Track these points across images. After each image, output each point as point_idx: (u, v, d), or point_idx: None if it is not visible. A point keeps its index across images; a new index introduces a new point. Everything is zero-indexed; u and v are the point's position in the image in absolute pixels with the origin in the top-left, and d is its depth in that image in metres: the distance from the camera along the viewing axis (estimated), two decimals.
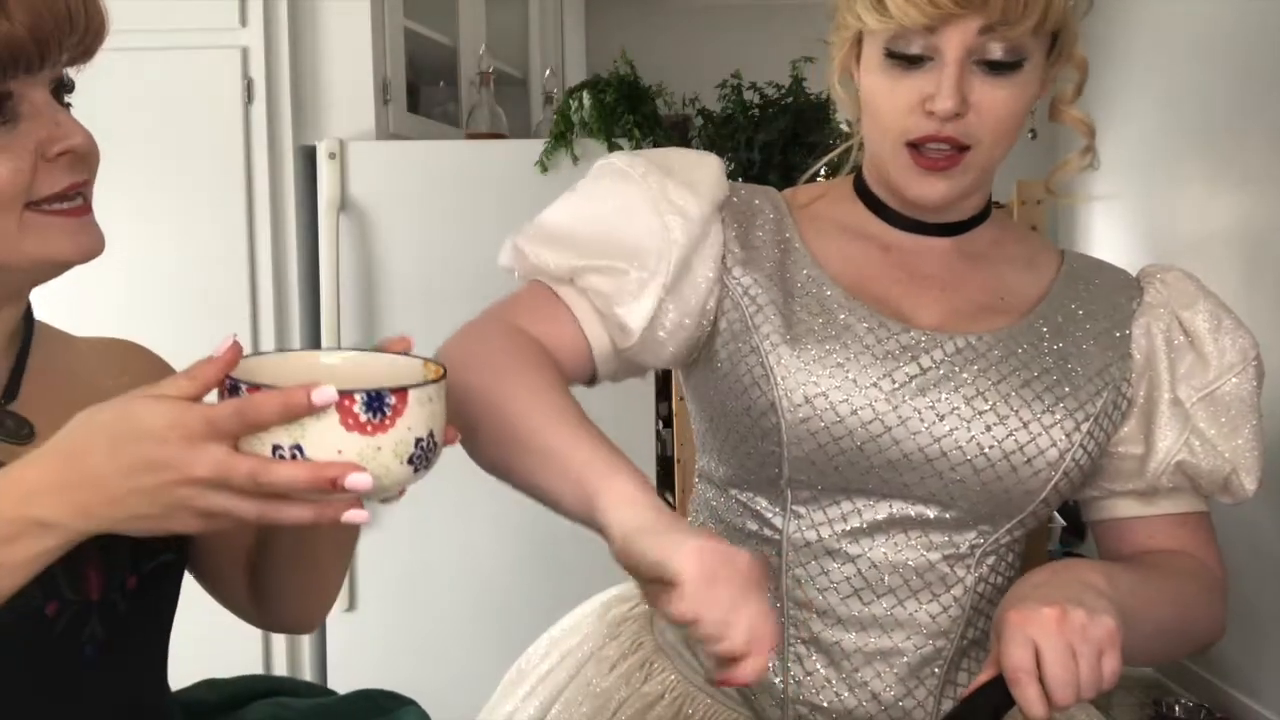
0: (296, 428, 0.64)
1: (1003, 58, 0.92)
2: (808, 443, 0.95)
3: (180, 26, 2.58)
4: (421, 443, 0.68)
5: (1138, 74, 3.80)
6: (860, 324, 0.97)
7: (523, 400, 0.88)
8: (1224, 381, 1.01)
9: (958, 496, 0.97)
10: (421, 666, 2.66)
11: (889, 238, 1.04)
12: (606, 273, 0.97)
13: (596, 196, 1.02)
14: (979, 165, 0.97)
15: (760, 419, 0.97)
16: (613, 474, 0.80)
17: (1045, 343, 1.00)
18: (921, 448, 0.95)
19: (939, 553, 0.98)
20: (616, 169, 1.03)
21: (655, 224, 0.98)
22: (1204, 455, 1.00)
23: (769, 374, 0.96)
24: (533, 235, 1.01)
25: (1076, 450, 0.97)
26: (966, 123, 0.94)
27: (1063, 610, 0.81)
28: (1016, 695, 0.80)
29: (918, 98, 0.94)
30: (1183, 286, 1.05)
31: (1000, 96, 0.93)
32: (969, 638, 1.01)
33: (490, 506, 2.66)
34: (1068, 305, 1.03)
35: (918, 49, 0.93)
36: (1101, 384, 0.99)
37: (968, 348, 0.98)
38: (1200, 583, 1.02)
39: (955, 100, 0.92)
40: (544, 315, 0.98)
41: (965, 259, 1.04)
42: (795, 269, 1.01)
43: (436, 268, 2.65)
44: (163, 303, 2.63)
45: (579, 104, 2.65)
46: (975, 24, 0.90)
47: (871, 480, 0.97)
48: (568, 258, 0.98)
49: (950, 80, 0.92)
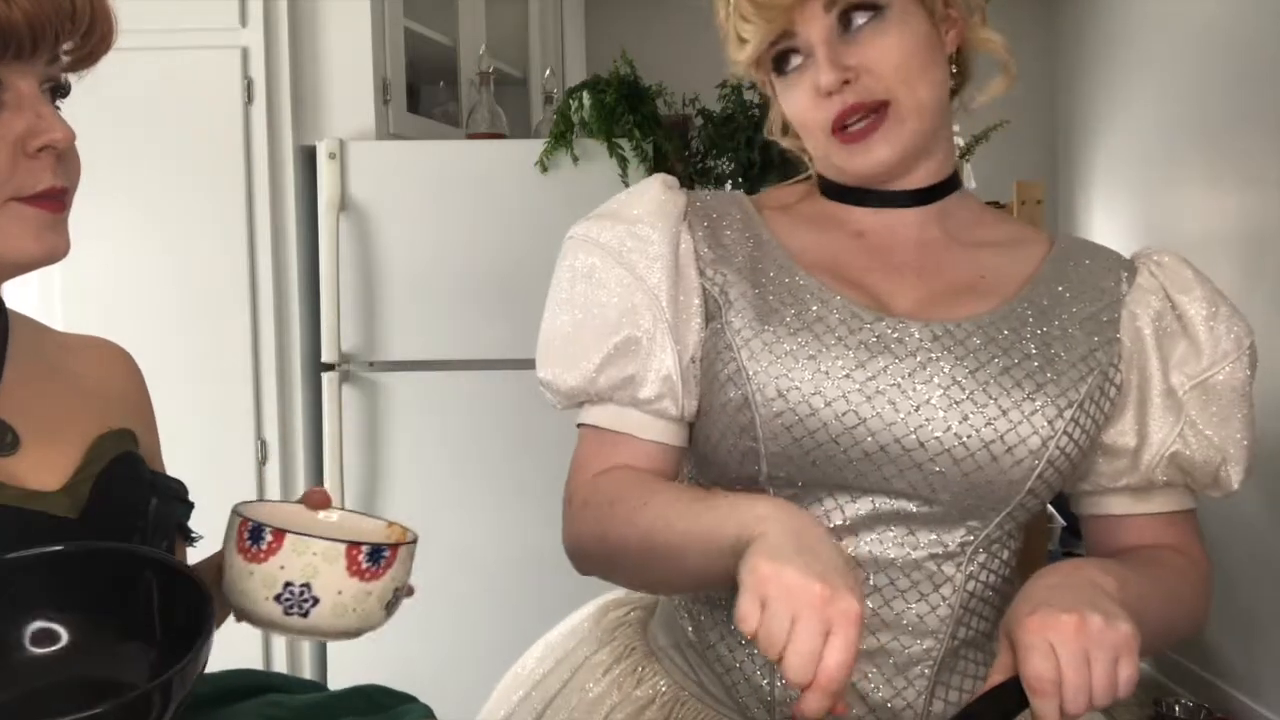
0: (310, 568, 0.75)
1: (861, 18, 0.95)
2: (783, 437, 0.95)
3: (180, 26, 2.59)
4: (398, 592, 0.81)
5: (1138, 73, 3.80)
6: (833, 314, 0.97)
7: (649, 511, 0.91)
8: (1217, 370, 0.99)
9: (939, 489, 0.95)
10: (421, 667, 2.66)
11: (861, 223, 1.03)
12: (620, 354, 0.99)
13: (571, 287, 1.03)
14: (906, 114, 0.96)
15: (736, 415, 0.96)
16: (755, 506, 0.82)
17: (1029, 327, 0.98)
18: (898, 439, 0.94)
19: (925, 550, 0.97)
20: (576, 244, 1.04)
21: (628, 280, 1.00)
22: (1197, 446, 0.99)
23: (742, 369, 0.96)
24: (542, 359, 1.04)
25: (1060, 438, 0.95)
26: (863, 84, 0.95)
27: (1081, 617, 0.79)
28: (1037, 705, 0.78)
29: (812, 89, 0.97)
30: (1178, 271, 1.03)
31: (883, 44, 0.95)
32: (959, 637, 1.00)
33: (491, 507, 2.66)
34: (1054, 287, 1.02)
35: (796, 58, 0.98)
36: (1086, 369, 0.97)
37: (945, 334, 0.96)
38: (1190, 580, 1.01)
39: (832, 75, 0.94)
40: (609, 453, 1.01)
41: (943, 239, 1.03)
42: (767, 261, 1.01)
43: (436, 268, 2.65)
44: (162, 302, 2.63)
45: (579, 104, 2.65)
46: (816, 5, 0.94)
47: (850, 474, 0.95)
48: (582, 368, 1.00)
49: (821, 55, 0.95)
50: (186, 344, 2.63)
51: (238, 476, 2.65)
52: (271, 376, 2.67)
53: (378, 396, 2.68)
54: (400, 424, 2.68)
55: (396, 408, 2.68)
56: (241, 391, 2.66)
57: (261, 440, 2.68)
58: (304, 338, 2.72)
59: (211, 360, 2.64)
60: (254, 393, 2.67)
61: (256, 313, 2.66)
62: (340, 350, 2.64)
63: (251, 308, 2.65)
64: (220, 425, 2.65)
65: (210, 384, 2.64)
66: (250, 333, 2.65)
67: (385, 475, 2.68)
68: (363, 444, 2.68)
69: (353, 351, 2.66)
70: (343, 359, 2.65)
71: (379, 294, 2.65)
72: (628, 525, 0.92)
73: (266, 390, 2.68)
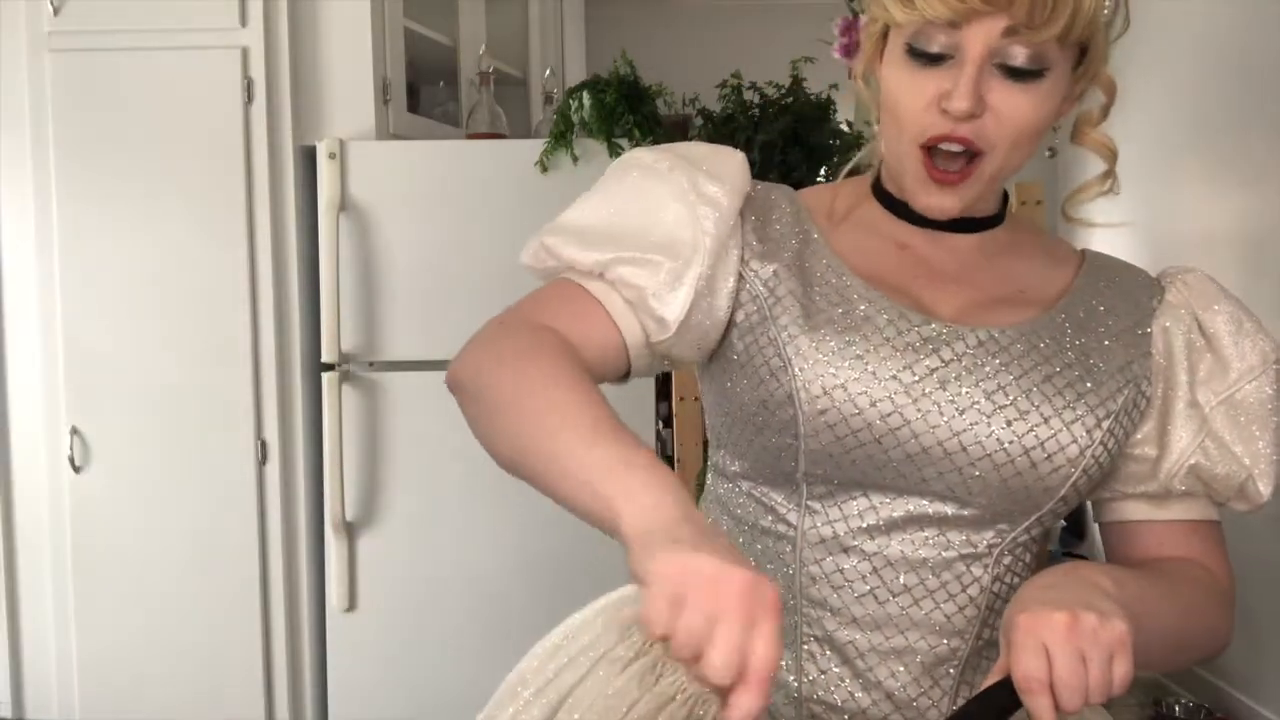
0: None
1: (1024, 64, 0.91)
2: (825, 435, 0.94)
3: (180, 26, 2.59)
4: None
5: (1138, 73, 3.80)
6: (880, 315, 0.96)
7: (540, 397, 0.85)
8: (1243, 385, 1.00)
9: (976, 492, 0.96)
10: (421, 667, 2.67)
11: (905, 237, 1.03)
12: (640, 264, 0.95)
13: (623, 192, 1.01)
14: (990, 174, 0.96)
15: (778, 410, 0.96)
16: (629, 479, 0.76)
17: (1068, 337, 0.99)
18: (940, 441, 0.94)
19: (956, 551, 0.98)
20: (642, 163, 1.01)
21: (686, 215, 0.97)
22: (1219, 459, 0.99)
23: (787, 365, 0.95)
24: (560, 233, 0.99)
25: (1096, 448, 0.96)
26: (982, 125, 0.92)
27: (1074, 615, 0.79)
28: (1028, 704, 0.79)
29: (935, 94, 0.92)
30: (1204, 288, 1.04)
31: (1019, 102, 0.92)
32: (984, 638, 1.01)
33: (491, 507, 2.66)
34: (1089, 301, 1.02)
35: (939, 47, 0.92)
36: (1123, 381, 0.98)
37: (990, 340, 0.97)
38: (1208, 592, 1.01)
39: (971, 100, 0.90)
40: (573, 311, 0.96)
41: (984, 258, 1.03)
42: (814, 259, 1.00)
43: (436, 268, 2.65)
44: (162, 302, 2.63)
45: (579, 104, 2.65)
46: (999, 24, 0.89)
47: (889, 475, 0.96)
48: (598, 253, 0.96)
49: (968, 79, 0.90)
50: (186, 344, 2.63)
51: (238, 476, 2.65)
52: (271, 377, 2.67)
53: (378, 396, 2.67)
54: (400, 424, 2.68)
55: (396, 408, 2.68)
56: (241, 392, 2.66)
57: (261, 440, 2.68)
58: (304, 338, 2.72)
59: (211, 360, 2.64)
60: (254, 393, 2.67)
61: (256, 312, 2.66)
62: (340, 350, 2.64)
63: (251, 307, 2.65)
64: (220, 425, 2.65)
65: (210, 384, 2.64)
66: (250, 332, 2.65)
67: (385, 475, 2.68)
68: (363, 444, 2.68)
69: (353, 351, 2.66)
70: (343, 359, 2.65)
71: (379, 294, 2.65)
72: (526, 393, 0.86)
73: (266, 390, 2.68)
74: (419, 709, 2.60)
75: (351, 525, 2.67)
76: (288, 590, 2.70)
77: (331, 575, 2.69)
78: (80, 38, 2.59)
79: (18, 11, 2.61)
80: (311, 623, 2.74)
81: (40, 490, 2.69)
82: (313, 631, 2.74)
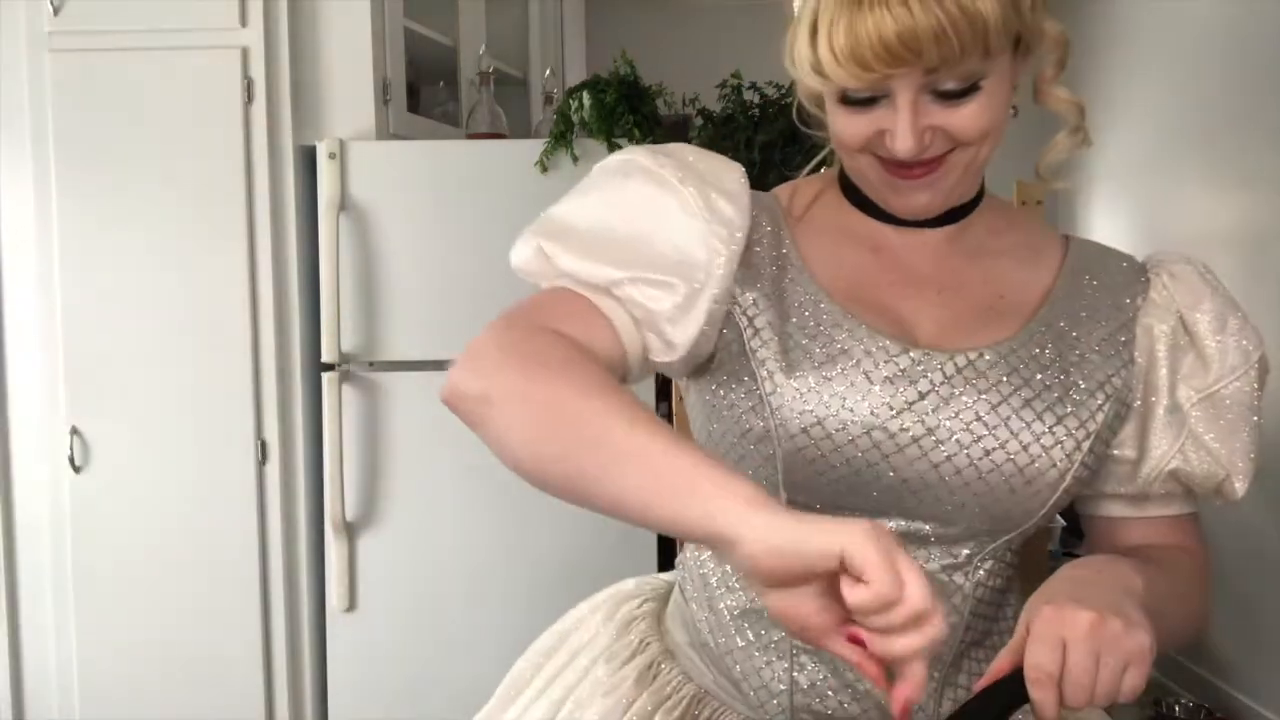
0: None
1: (957, 86, 0.89)
2: (805, 469, 0.94)
3: (180, 26, 2.59)
4: None
5: (1138, 73, 3.80)
6: (858, 346, 0.95)
7: (594, 399, 0.80)
8: (1224, 384, 0.99)
9: (958, 518, 0.96)
10: (421, 667, 2.67)
11: (879, 238, 1.01)
12: (654, 285, 0.92)
13: (627, 198, 0.97)
14: (963, 164, 0.94)
15: (757, 445, 0.96)
16: (726, 478, 0.73)
17: (1047, 354, 0.97)
18: (920, 474, 0.94)
19: (937, 563, 0.98)
20: (645, 169, 0.97)
21: (700, 233, 0.94)
22: (1198, 461, 0.99)
23: (764, 402, 0.94)
24: (558, 237, 0.95)
25: (1078, 468, 0.96)
26: (935, 145, 0.91)
27: (1100, 617, 0.79)
28: (1033, 695, 0.79)
29: (877, 130, 0.91)
30: (1190, 283, 1.01)
31: (965, 114, 0.90)
32: (967, 640, 1.01)
33: (491, 507, 2.66)
34: (1071, 305, 1.01)
35: (870, 91, 0.90)
36: (1104, 398, 0.97)
37: (968, 366, 0.96)
38: (1191, 580, 1.01)
39: (913, 139, 0.89)
40: (578, 322, 0.92)
41: (961, 254, 1.01)
42: (792, 286, 0.98)
43: (436, 268, 2.65)
44: (162, 302, 2.63)
45: (579, 104, 2.65)
46: (917, 71, 0.87)
47: (868, 501, 0.96)
48: (608, 269, 0.92)
49: (905, 123, 0.88)
50: (186, 344, 2.63)
51: (238, 476, 2.65)
52: (271, 376, 2.67)
53: (378, 396, 2.68)
54: (400, 424, 2.68)
55: (396, 408, 2.68)
56: (241, 392, 2.66)
57: (261, 440, 2.68)
58: (304, 338, 2.71)
59: (211, 360, 2.64)
60: (254, 393, 2.67)
61: (256, 313, 2.66)
62: (340, 350, 2.64)
63: (251, 307, 2.65)
64: (220, 425, 2.65)
65: (210, 384, 2.64)
66: (250, 332, 2.65)
67: (385, 475, 2.68)
68: (363, 444, 2.68)
69: (353, 351, 2.66)
70: (343, 359, 2.65)
71: (379, 294, 2.65)
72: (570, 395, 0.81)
73: (266, 390, 2.68)
74: (419, 709, 2.61)
75: (351, 525, 2.67)
76: (288, 590, 2.70)
77: (331, 575, 2.69)
78: (80, 38, 2.59)
79: (18, 11, 2.61)
80: (311, 623, 2.74)
81: (40, 490, 2.69)
82: (313, 631, 2.74)
